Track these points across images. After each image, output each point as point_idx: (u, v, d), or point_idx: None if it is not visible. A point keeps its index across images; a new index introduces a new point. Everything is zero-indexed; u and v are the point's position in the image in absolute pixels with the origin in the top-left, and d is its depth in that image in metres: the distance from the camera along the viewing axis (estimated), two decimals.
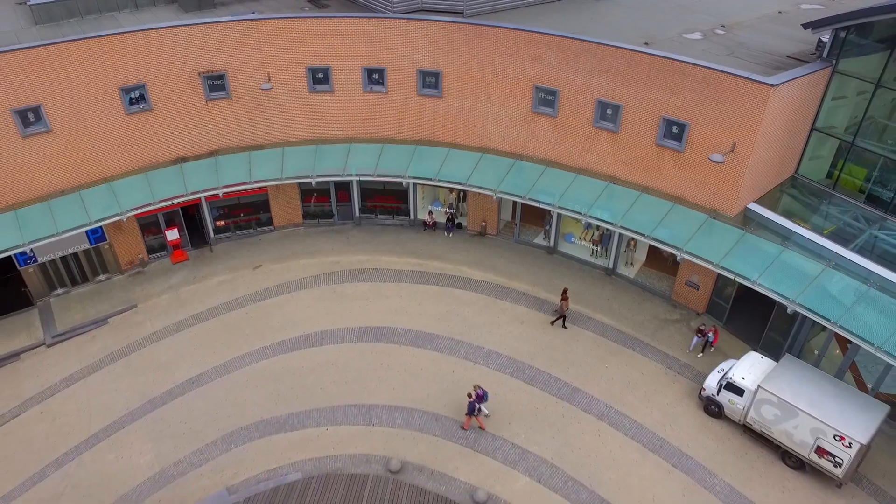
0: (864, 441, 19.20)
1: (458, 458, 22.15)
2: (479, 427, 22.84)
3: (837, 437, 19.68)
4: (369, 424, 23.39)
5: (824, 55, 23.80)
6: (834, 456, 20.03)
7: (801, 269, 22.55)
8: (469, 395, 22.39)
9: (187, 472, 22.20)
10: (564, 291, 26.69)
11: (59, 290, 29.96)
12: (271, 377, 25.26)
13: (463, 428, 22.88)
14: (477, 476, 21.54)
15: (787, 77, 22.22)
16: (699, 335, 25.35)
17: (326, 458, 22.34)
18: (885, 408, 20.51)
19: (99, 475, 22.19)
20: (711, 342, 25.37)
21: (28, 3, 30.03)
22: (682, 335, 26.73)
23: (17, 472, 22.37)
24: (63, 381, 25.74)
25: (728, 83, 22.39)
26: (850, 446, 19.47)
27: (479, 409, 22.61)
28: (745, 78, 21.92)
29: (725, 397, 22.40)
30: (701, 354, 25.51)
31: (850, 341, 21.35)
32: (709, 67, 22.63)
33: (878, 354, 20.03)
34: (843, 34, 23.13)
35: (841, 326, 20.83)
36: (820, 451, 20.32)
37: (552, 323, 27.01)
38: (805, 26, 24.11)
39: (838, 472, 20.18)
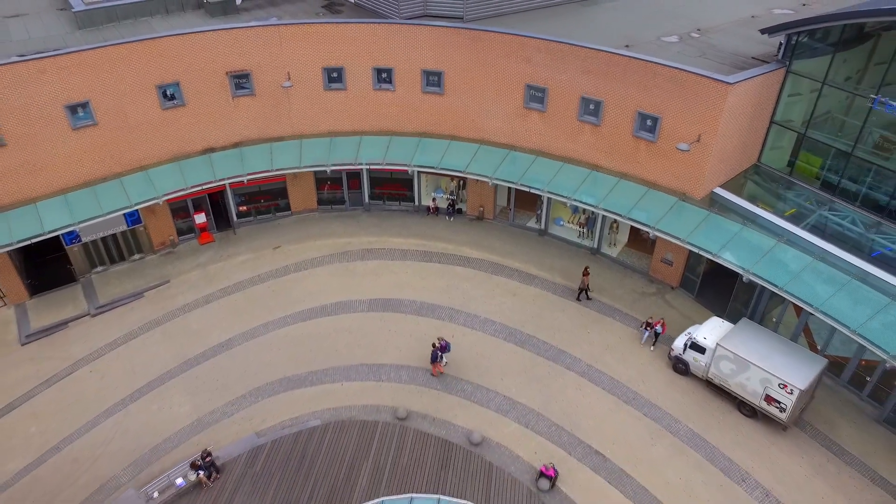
0: (803, 387, 22.44)
1: (457, 407, 25.46)
2: (436, 373, 26.47)
3: (781, 385, 22.91)
4: (379, 380, 26.71)
5: (780, 57, 26.99)
6: (779, 402, 23.27)
7: (756, 244, 25.79)
8: (433, 346, 25.98)
9: (221, 420, 25.52)
10: (586, 269, 30.07)
11: (99, 268, 33.34)
12: (292, 341, 28.59)
13: (432, 374, 26.43)
14: (473, 422, 24.84)
15: (745, 76, 25.44)
16: (647, 328, 27.48)
17: (342, 408, 25.66)
18: (824, 361, 23.76)
19: (145, 422, 25.54)
20: (660, 333, 27.52)
21: (73, 10, 33.33)
22: (657, 306, 29.99)
23: (74, 420, 25.72)
24: (108, 346, 29.11)
25: (693, 81, 25.63)
26: (792, 393, 22.71)
27: (441, 358, 26.14)
28: (707, 77, 25.16)
29: (690, 355, 25.67)
30: (653, 347, 27.61)
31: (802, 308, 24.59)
32: (676, 67, 25.87)
33: (816, 314, 23.28)
34: (794, 39, 26.31)
35: (786, 291, 24.06)
36: (768, 398, 23.56)
37: (578, 298, 30.08)
38: (762, 31, 27.31)
39: (783, 416, 23.43)
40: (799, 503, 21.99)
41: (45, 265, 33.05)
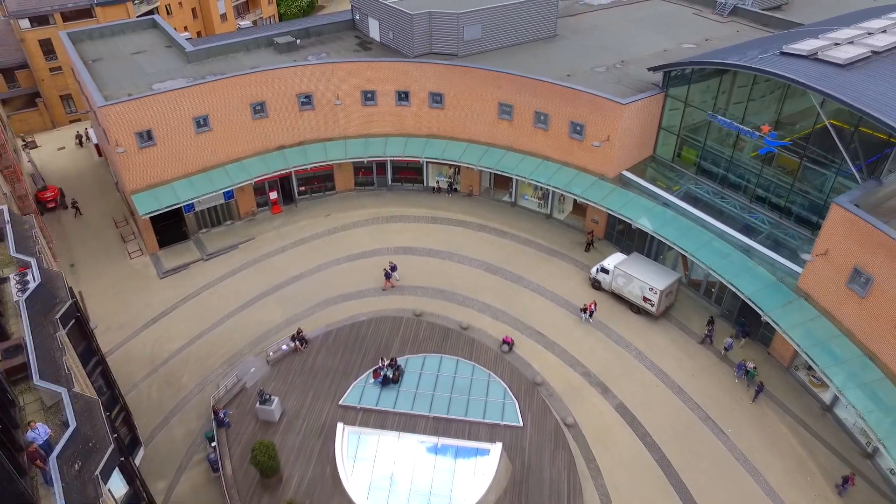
0: (662, 288, 37.00)
1: (453, 309, 40.00)
2: (387, 287, 41.04)
3: (650, 288, 37.49)
4: (402, 295, 41.20)
5: (661, 85, 41.51)
6: (650, 300, 37.84)
7: (643, 205, 40.34)
8: (384, 269, 40.54)
9: (302, 319, 39.91)
10: (591, 232, 44.36)
11: (204, 230, 47.89)
12: (344, 273, 43.10)
13: (383, 289, 40.82)
14: (463, 317, 39.34)
15: (634, 99, 39.95)
16: (584, 312, 39.17)
17: (380, 310, 40.10)
18: (678, 274, 38.43)
19: (254, 320, 40.01)
20: (594, 312, 39.61)
21: (185, 50, 47.78)
22: (587, 254, 44.49)
23: (206, 320, 40.15)
24: (219, 278, 43.64)
25: (602, 102, 40.13)
26: (656, 293, 37.28)
27: (391, 276, 40.69)
28: (610, 99, 39.68)
29: (600, 276, 40.27)
30: (591, 321, 39.25)
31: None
32: (591, 93, 40.38)
33: (671, 245, 37.86)
34: (669, 74, 40.80)
35: (656, 232, 38.60)
36: (644, 299, 38.13)
37: (586, 250, 44.18)
38: (649, 69, 41.74)
39: (653, 309, 38.00)
40: (659, 357, 36.57)
41: (165, 229, 47.44)
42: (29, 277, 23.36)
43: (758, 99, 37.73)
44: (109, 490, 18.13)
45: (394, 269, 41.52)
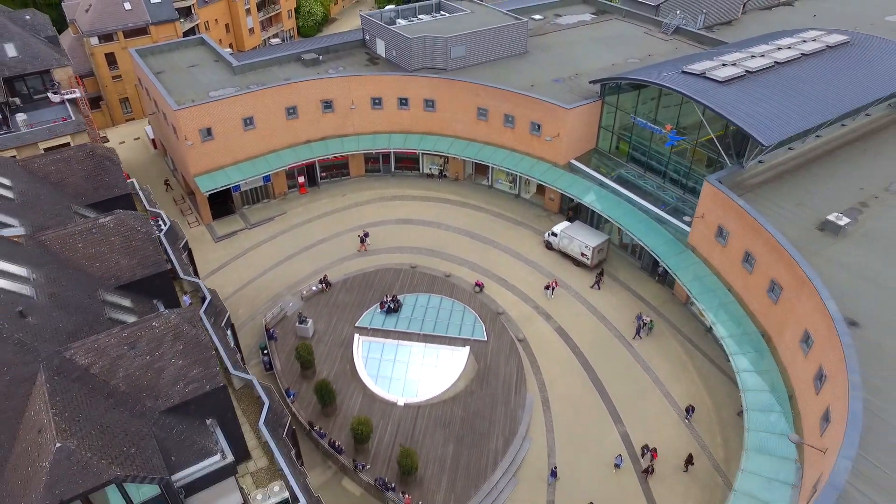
0: (593, 245, 50.01)
1: (440, 263, 53.03)
2: (364, 249, 53.75)
3: (585, 246, 50.47)
4: (402, 253, 54.23)
5: (598, 94, 54.38)
6: (586, 255, 50.81)
7: (584, 185, 53.26)
8: (359, 235, 53.42)
9: (326, 269, 52.89)
10: (569, 210, 57.14)
11: (247, 206, 61.02)
12: (357, 238, 56.11)
13: (359, 250, 53.73)
14: (446, 268, 52.34)
15: (577, 104, 52.85)
16: (548, 289, 52.31)
17: (384, 264, 53.10)
18: (607, 236, 51.42)
19: (289, 272, 53.03)
20: (554, 289, 53.00)
21: (232, 65, 60.83)
22: (544, 223, 57.45)
23: (253, 272, 53.21)
24: (262, 241, 56.74)
25: (552, 107, 53.04)
26: (589, 249, 50.25)
27: (365, 241, 53.58)
28: (558, 105, 52.60)
29: (551, 238, 53.27)
30: (552, 295, 52.52)
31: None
32: (544, 100, 53.29)
33: (602, 214, 50.76)
34: (605, 85, 53.66)
35: (591, 205, 51.51)
36: (581, 254, 51.11)
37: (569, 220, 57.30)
38: (590, 82, 54.59)
39: (588, 262, 51.00)
40: (590, 296, 49.56)
41: (217, 205, 60.37)
42: (160, 222, 36.52)
43: (683, 104, 50.16)
44: (228, 336, 31.28)
45: (367, 235, 54.45)
